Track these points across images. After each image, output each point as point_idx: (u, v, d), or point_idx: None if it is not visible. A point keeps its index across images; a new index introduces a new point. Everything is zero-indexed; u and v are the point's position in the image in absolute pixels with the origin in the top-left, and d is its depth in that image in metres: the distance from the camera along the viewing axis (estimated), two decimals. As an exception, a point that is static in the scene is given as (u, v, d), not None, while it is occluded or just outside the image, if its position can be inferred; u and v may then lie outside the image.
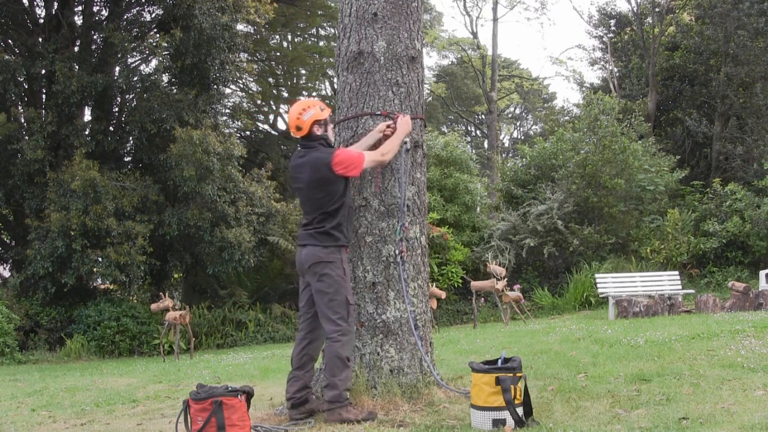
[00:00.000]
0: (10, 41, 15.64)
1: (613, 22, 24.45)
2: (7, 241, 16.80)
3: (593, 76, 49.91)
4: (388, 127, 4.49)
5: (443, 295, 12.29)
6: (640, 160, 16.38)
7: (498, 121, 33.29)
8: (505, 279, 12.22)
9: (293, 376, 4.26)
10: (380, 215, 4.52)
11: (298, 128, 4.27)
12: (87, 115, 16.19)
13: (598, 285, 12.63)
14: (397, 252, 4.49)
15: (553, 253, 15.64)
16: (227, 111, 20.47)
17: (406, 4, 4.74)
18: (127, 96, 15.82)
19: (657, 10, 21.39)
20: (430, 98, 32.92)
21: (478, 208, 18.22)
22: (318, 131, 4.28)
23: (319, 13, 23.15)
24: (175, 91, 15.27)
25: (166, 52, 14.80)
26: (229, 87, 19.99)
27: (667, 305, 10.85)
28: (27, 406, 5.92)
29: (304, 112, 4.26)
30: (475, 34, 32.28)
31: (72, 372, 9.71)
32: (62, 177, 13.49)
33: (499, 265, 14.16)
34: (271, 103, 26.23)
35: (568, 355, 6.08)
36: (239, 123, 22.56)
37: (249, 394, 3.77)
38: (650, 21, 21.69)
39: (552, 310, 14.46)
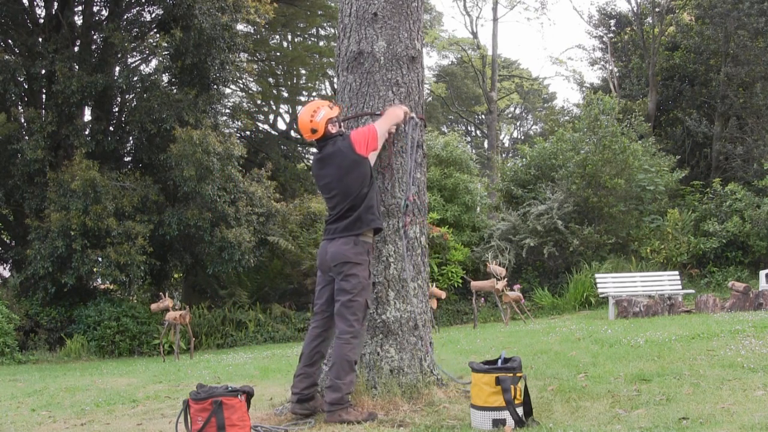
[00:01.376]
0: (10, 41, 15.64)
1: (613, 22, 24.45)
2: (7, 241, 16.80)
3: (593, 76, 49.99)
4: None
5: (443, 295, 12.29)
6: (640, 160, 16.38)
7: (498, 121, 33.27)
8: (505, 279, 12.21)
9: (303, 372, 4.24)
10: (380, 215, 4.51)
11: (314, 131, 4.27)
12: (87, 115, 16.20)
13: (598, 285, 12.63)
14: (400, 225, 4.50)
15: (553, 253, 15.63)
16: (227, 111, 20.47)
17: (406, 4, 4.73)
18: (127, 96, 15.82)
19: (657, 10, 21.39)
20: (430, 98, 32.91)
21: (478, 208, 18.21)
22: (333, 129, 4.30)
23: (319, 13, 23.15)
24: (175, 91, 15.26)
25: (166, 52, 14.80)
26: (229, 87, 19.99)
27: (667, 305, 10.85)
28: (27, 406, 5.92)
29: (315, 113, 4.26)
30: (475, 34, 32.29)
31: (72, 372, 9.71)
32: (62, 177, 13.49)
33: (499, 265, 14.16)
34: (271, 103, 26.23)
35: (568, 355, 6.08)
36: (239, 123, 22.56)
37: (249, 394, 3.77)
38: (650, 21, 21.69)
39: (552, 310, 14.46)
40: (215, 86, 15.98)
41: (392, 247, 4.51)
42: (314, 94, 26.47)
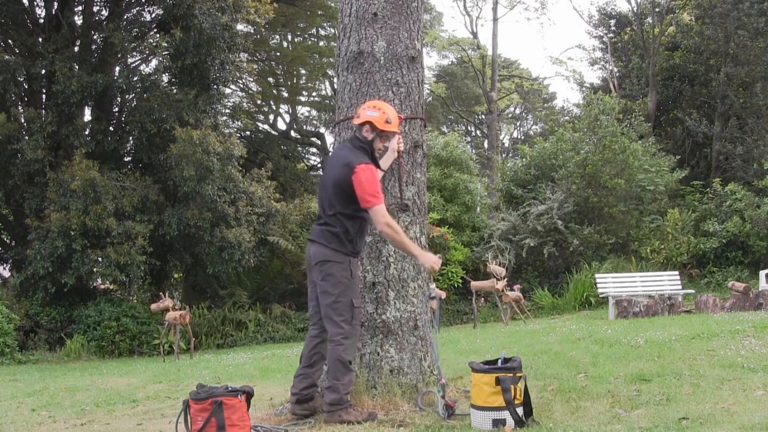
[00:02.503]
0: (10, 41, 15.65)
1: (613, 22, 24.45)
2: (7, 241, 16.80)
3: (593, 76, 50.02)
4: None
5: (443, 295, 12.28)
6: (640, 160, 16.38)
7: (498, 121, 33.26)
8: (505, 279, 12.21)
9: (302, 373, 4.23)
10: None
11: (359, 115, 4.22)
12: (87, 115, 16.21)
13: (598, 285, 12.63)
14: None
15: (553, 253, 15.63)
16: (227, 111, 20.47)
17: (406, 4, 4.73)
18: (127, 96, 15.82)
19: (657, 10, 21.40)
20: (430, 98, 32.89)
21: (478, 208, 18.19)
22: (368, 134, 4.16)
23: (319, 13, 23.14)
24: (175, 91, 15.27)
25: (166, 52, 14.80)
26: (229, 87, 20.00)
27: (667, 305, 10.85)
28: (27, 406, 5.91)
29: (373, 108, 4.17)
30: (475, 34, 32.30)
31: (72, 372, 9.71)
32: (62, 177, 13.49)
33: (499, 265, 14.15)
34: (271, 103, 26.23)
35: (568, 355, 6.08)
36: (239, 123, 22.56)
37: (249, 394, 3.76)
38: (650, 21, 21.69)
39: (552, 310, 14.45)
40: (215, 86, 15.97)
41: (392, 247, 4.50)
42: (314, 94, 26.47)
